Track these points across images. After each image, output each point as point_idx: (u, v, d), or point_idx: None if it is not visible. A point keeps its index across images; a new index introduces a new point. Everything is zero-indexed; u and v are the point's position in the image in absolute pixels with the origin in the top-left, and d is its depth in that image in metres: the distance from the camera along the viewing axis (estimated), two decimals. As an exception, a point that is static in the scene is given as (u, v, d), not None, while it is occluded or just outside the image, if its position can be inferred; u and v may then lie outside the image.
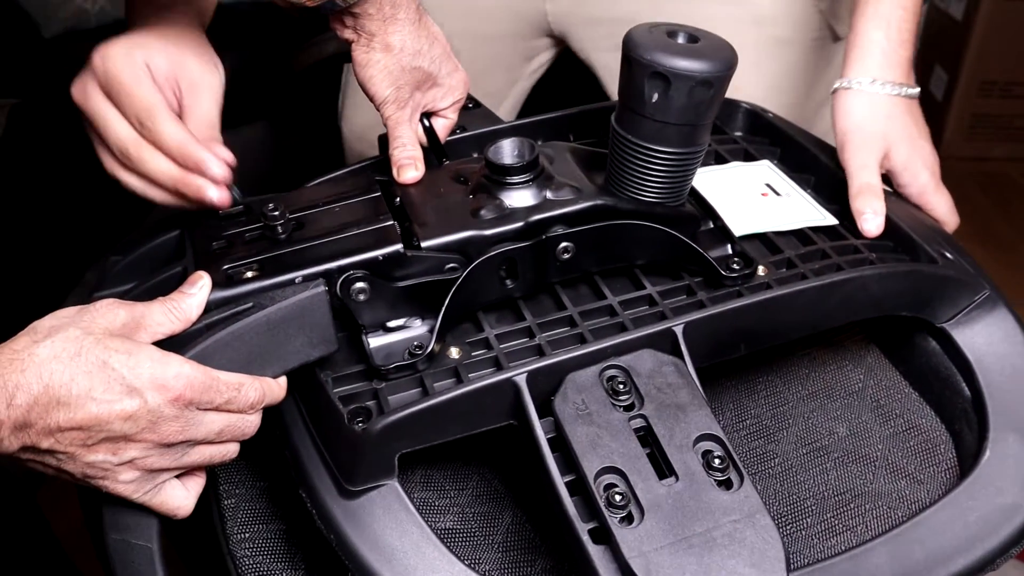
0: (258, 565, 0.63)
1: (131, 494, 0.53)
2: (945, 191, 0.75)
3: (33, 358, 0.49)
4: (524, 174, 0.64)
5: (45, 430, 0.49)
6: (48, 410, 0.49)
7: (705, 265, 0.65)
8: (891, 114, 0.74)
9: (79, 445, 0.50)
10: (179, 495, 0.56)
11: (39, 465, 0.52)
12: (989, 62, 2.31)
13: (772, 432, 0.72)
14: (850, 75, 0.76)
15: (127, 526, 0.57)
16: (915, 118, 0.76)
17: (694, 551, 0.50)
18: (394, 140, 0.70)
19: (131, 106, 0.64)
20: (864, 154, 0.73)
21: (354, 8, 0.65)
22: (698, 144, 0.64)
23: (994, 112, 2.39)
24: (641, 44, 0.61)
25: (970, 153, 2.41)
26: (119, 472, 0.52)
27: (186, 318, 0.56)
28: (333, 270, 0.59)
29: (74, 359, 0.49)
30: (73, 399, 0.49)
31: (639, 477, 0.53)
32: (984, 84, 2.35)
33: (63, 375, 0.49)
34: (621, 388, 0.57)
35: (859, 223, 0.70)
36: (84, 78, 0.68)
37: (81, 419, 0.49)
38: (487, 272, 0.62)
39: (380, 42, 0.68)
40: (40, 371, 0.49)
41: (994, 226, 2.25)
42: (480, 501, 0.67)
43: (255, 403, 0.55)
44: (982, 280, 0.68)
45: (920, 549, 0.60)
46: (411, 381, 0.60)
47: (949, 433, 0.69)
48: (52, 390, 0.48)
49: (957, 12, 2.34)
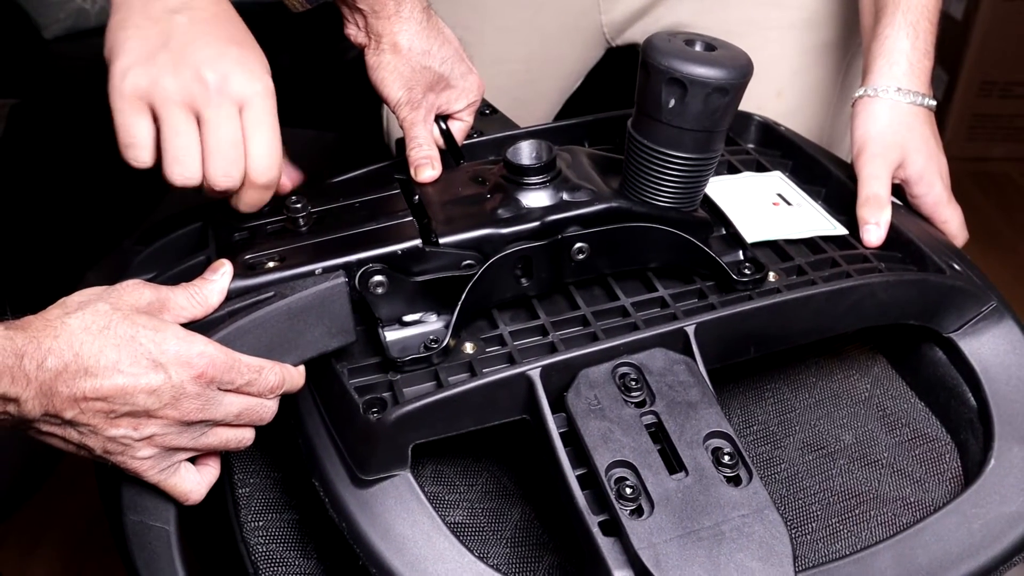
0: (271, 553, 0.64)
1: (147, 471, 0.54)
2: (957, 206, 0.76)
3: (65, 327, 0.50)
4: (541, 175, 0.65)
5: (71, 398, 0.50)
6: (76, 378, 0.50)
7: (717, 269, 0.66)
8: (911, 124, 0.75)
9: (102, 418, 0.51)
10: (192, 479, 0.57)
11: (59, 440, 0.53)
12: (989, 62, 2.31)
13: (779, 438, 0.72)
14: (875, 83, 0.76)
15: (145, 508, 0.58)
16: (932, 129, 0.77)
17: (703, 544, 0.51)
18: (410, 141, 0.71)
19: None
20: (878, 164, 0.74)
21: (359, 4, 0.66)
22: (712, 150, 0.65)
23: (994, 112, 2.39)
24: (659, 51, 0.62)
25: (970, 153, 2.40)
26: (138, 448, 0.53)
27: (208, 304, 0.57)
28: (353, 263, 0.61)
29: (103, 332, 0.51)
30: (101, 370, 0.50)
31: (650, 471, 0.54)
32: (984, 84, 2.35)
33: (92, 346, 0.50)
34: (633, 385, 0.58)
35: (862, 232, 0.71)
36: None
37: (107, 390, 0.50)
38: (503, 270, 0.63)
39: (388, 43, 0.69)
40: (71, 340, 0.50)
41: (994, 226, 2.24)
42: (489, 497, 0.67)
43: (274, 387, 0.56)
44: (989, 291, 0.69)
45: (924, 554, 0.60)
46: (426, 374, 0.61)
47: (954, 442, 0.70)
48: (81, 359, 0.50)
49: (957, 12, 2.34)
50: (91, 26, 1.83)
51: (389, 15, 0.68)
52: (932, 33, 0.78)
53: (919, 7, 0.78)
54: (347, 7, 0.69)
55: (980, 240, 2.16)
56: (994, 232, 2.23)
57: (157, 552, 0.58)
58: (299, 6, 0.68)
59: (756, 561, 0.51)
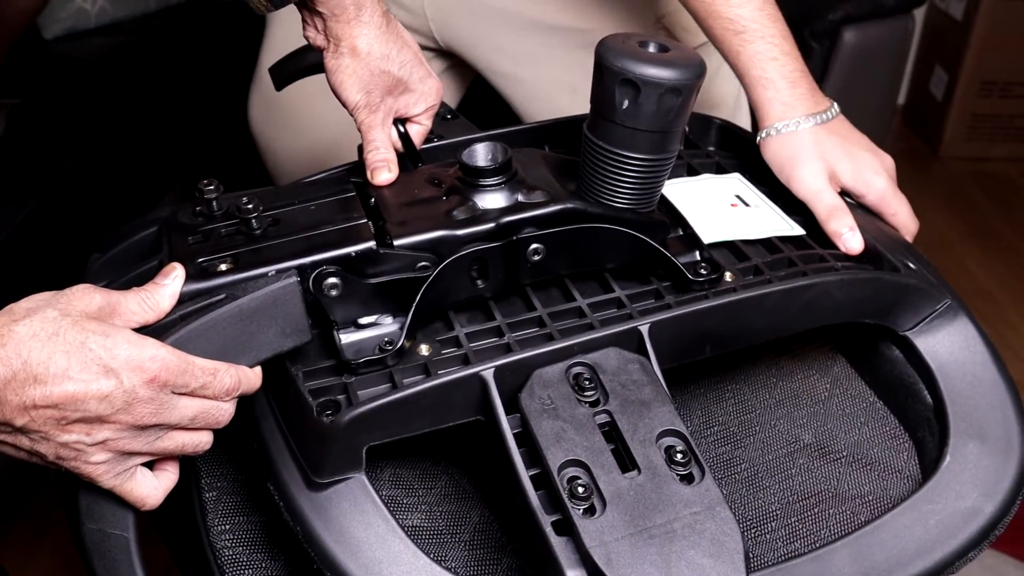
0: (238, 556, 0.63)
1: (101, 476, 0.54)
2: (903, 196, 0.77)
3: (12, 335, 0.50)
4: (497, 176, 0.65)
5: (20, 406, 0.49)
6: (25, 386, 0.49)
7: (673, 269, 0.67)
8: (818, 140, 0.76)
9: (54, 424, 0.50)
10: (149, 484, 0.56)
11: (10, 448, 0.52)
12: (989, 62, 2.33)
13: (739, 438, 0.73)
14: (773, 123, 0.77)
15: (103, 515, 0.58)
16: (844, 134, 0.77)
17: (654, 541, 0.51)
18: (367, 144, 0.71)
19: None
20: (813, 180, 0.74)
21: (319, 7, 0.66)
22: (668, 151, 0.65)
23: (994, 112, 2.41)
24: (613, 52, 0.63)
25: (970, 153, 2.41)
26: (91, 453, 0.52)
27: (159, 308, 0.57)
28: (306, 265, 0.60)
29: (52, 338, 0.50)
30: (50, 377, 0.49)
31: (602, 470, 0.54)
32: (984, 84, 2.36)
33: (41, 353, 0.49)
34: (587, 384, 0.58)
35: (840, 244, 0.71)
36: None
37: (58, 397, 0.50)
38: (458, 271, 0.63)
39: (347, 46, 0.70)
40: (19, 347, 0.49)
41: (994, 226, 2.25)
42: (448, 500, 0.67)
43: (230, 390, 0.56)
44: (944, 289, 0.69)
45: (881, 551, 0.61)
46: (381, 376, 0.61)
47: (912, 440, 0.70)
48: (30, 367, 0.49)
49: (957, 12, 2.36)
50: (91, 26, 1.83)
51: (349, 19, 0.68)
52: (790, 63, 0.78)
53: (770, 33, 0.78)
54: (306, 10, 0.70)
55: (980, 240, 2.18)
56: (994, 232, 2.24)
57: (116, 560, 0.58)
58: (263, 9, 0.68)
59: (707, 558, 0.51)
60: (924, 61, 2.54)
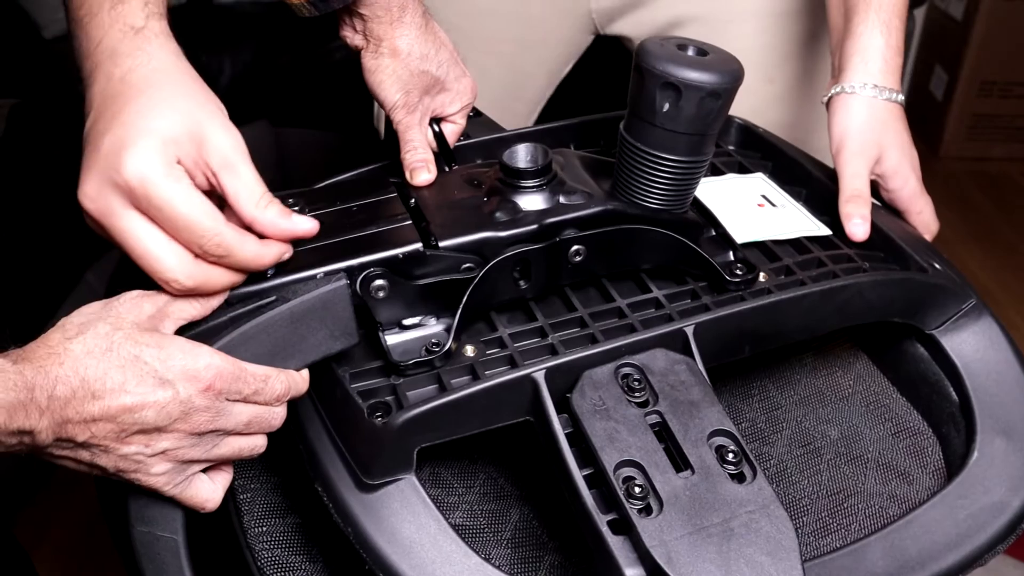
0: (277, 558, 0.63)
1: (163, 486, 0.54)
2: (928, 196, 0.79)
3: (69, 353, 0.50)
4: (538, 178, 0.66)
5: (81, 422, 0.49)
6: (84, 403, 0.49)
7: (710, 270, 0.68)
8: (886, 121, 0.77)
9: (113, 437, 0.50)
10: (208, 488, 0.57)
11: (70, 461, 0.52)
12: (989, 62, 2.34)
13: (766, 435, 0.74)
14: (851, 80, 0.78)
15: (153, 519, 0.57)
16: (904, 124, 0.79)
17: (713, 540, 0.52)
18: (405, 144, 0.71)
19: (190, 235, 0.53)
20: (859, 161, 0.75)
21: (361, 9, 0.66)
22: (704, 153, 0.66)
23: (994, 112, 2.42)
24: (654, 55, 0.63)
25: (970, 153, 2.43)
26: (152, 464, 0.52)
27: (208, 304, 0.57)
28: (354, 267, 0.60)
29: (106, 354, 0.50)
30: (107, 392, 0.50)
31: (657, 470, 0.55)
32: (984, 84, 2.38)
33: (97, 369, 0.50)
34: (636, 385, 0.59)
35: (847, 227, 0.73)
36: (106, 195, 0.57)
37: (116, 411, 0.50)
38: (502, 272, 0.64)
39: (388, 47, 0.69)
40: (76, 365, 0.49)
41: (994, 226, 2.27)
42: (488, 499, 0.68)
43: (281, 395, 0.56)
44: (969, 289, 0.71)
45: (913, 545, 0.62)
46: (428, 378, 0.61)
47: (936, 436, 0.72)
48: (88, 384, 0.49)
49: (957, 12, 2.37)
50: (90, 26, 1.80)
51: (392, 20, 0.68)
52: (902, 31, 0.80)
53: (890, 5, 0.80)
54: (346, 11, 0.69)
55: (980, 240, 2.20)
56: (994, 232, 2.26)
57: (166, 562, 0.58)
58: (306, 12, 0.67)
59: (765, 556, 0.52)
60: (924, 61, 2.55)
